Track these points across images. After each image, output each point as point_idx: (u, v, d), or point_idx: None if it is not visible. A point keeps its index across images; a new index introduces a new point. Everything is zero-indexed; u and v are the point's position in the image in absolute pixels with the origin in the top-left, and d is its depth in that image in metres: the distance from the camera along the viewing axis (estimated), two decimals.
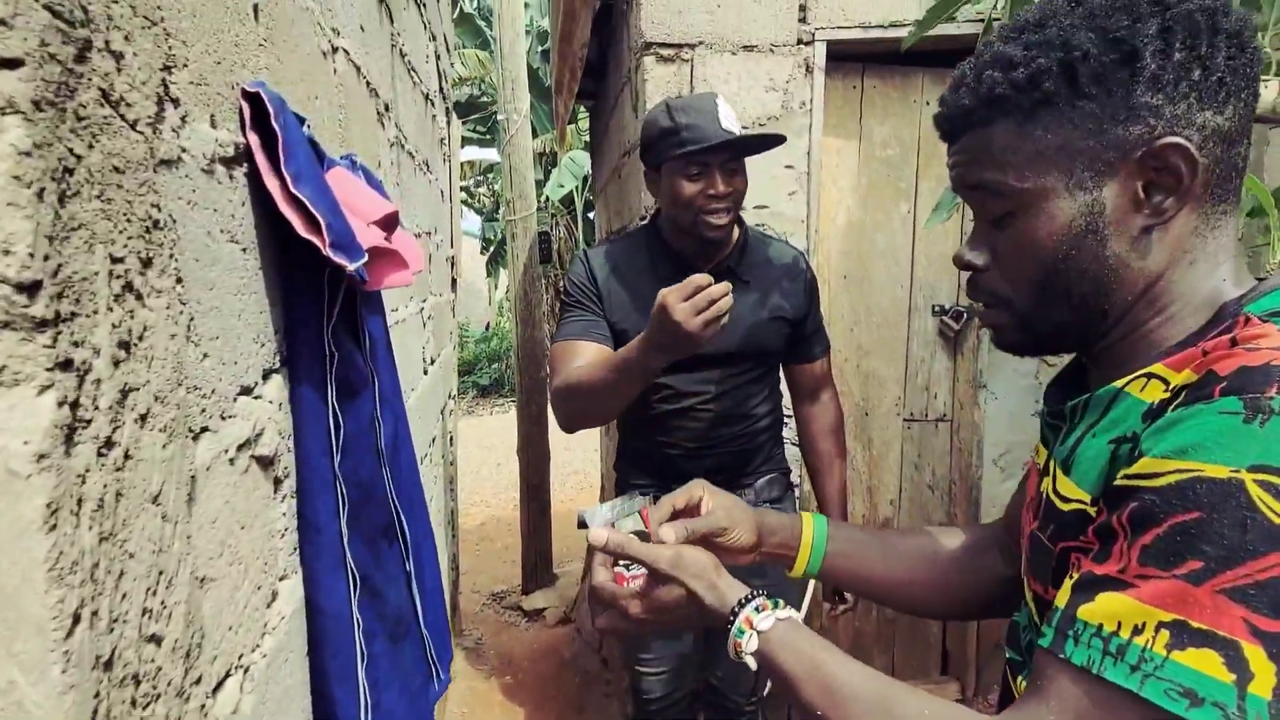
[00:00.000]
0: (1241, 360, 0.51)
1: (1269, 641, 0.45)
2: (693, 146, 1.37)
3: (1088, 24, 0.58)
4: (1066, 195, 0.60)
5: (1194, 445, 0.49)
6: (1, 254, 0.35)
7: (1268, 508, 0.46)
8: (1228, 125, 0.56)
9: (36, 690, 0.38)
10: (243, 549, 0.68)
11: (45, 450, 0.37)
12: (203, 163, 0.60)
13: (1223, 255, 0.60)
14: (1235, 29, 0.56)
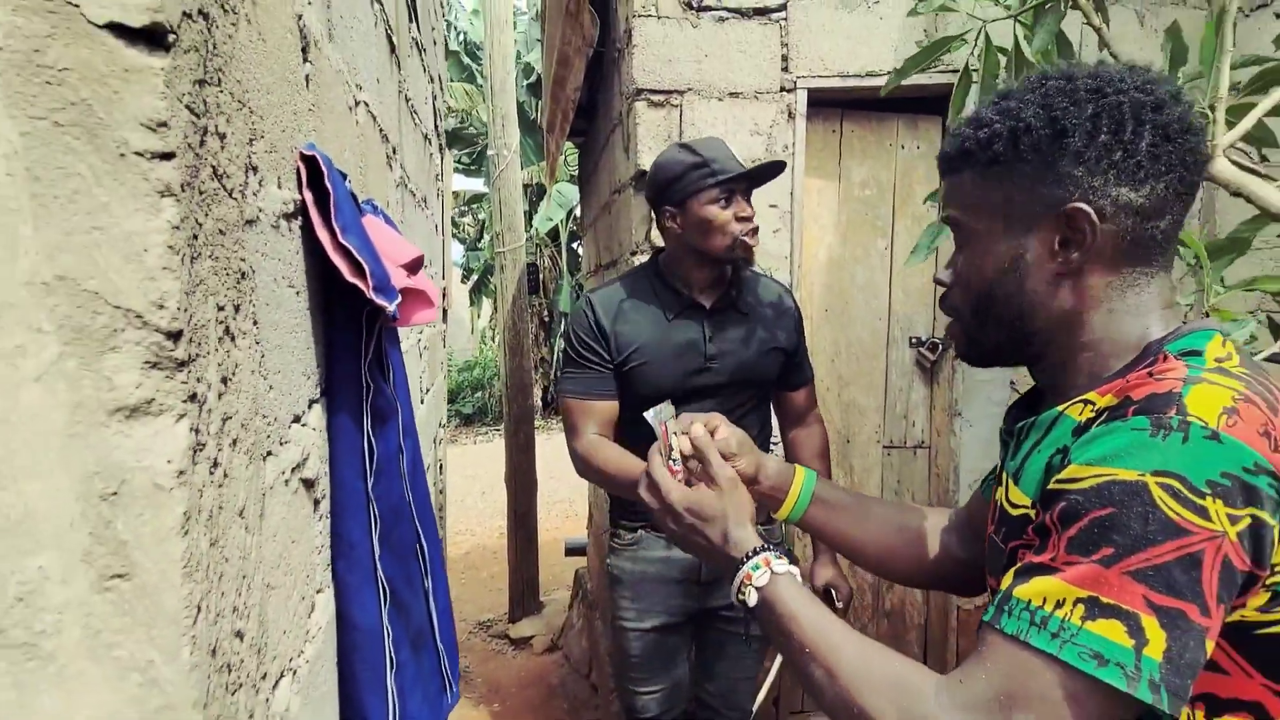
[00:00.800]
0: (1151, 388, 0.62)
1: (1162, 614, 0.55)
2: (724, 176, 1.51)
3: (1038, 101, 0.70)
4: (1002, 238, 0.73)
5: (1110, 455, 0.59)
6: (157, 308, 0.44)
7: (1165, 505, 0.56)
8: (1142, 202, 0.67)
9: (169, 669, 0.45)
10: (293, 561, 0.75)
11: (183, 468, 0.45)
12: (272, 219, 0.69)
13: (1148, 308, 0.70)
14: (1164, 122, 0.66)
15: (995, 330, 0.76)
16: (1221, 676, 0.62)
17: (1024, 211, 0.71)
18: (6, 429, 0.42)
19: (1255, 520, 0.56)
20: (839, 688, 0.67)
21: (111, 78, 0.42)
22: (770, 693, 2.46)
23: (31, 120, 0.41)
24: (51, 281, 0.42)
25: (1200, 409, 0.59)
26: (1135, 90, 0.68)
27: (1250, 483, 0.56)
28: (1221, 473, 0.56)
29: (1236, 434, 0.57)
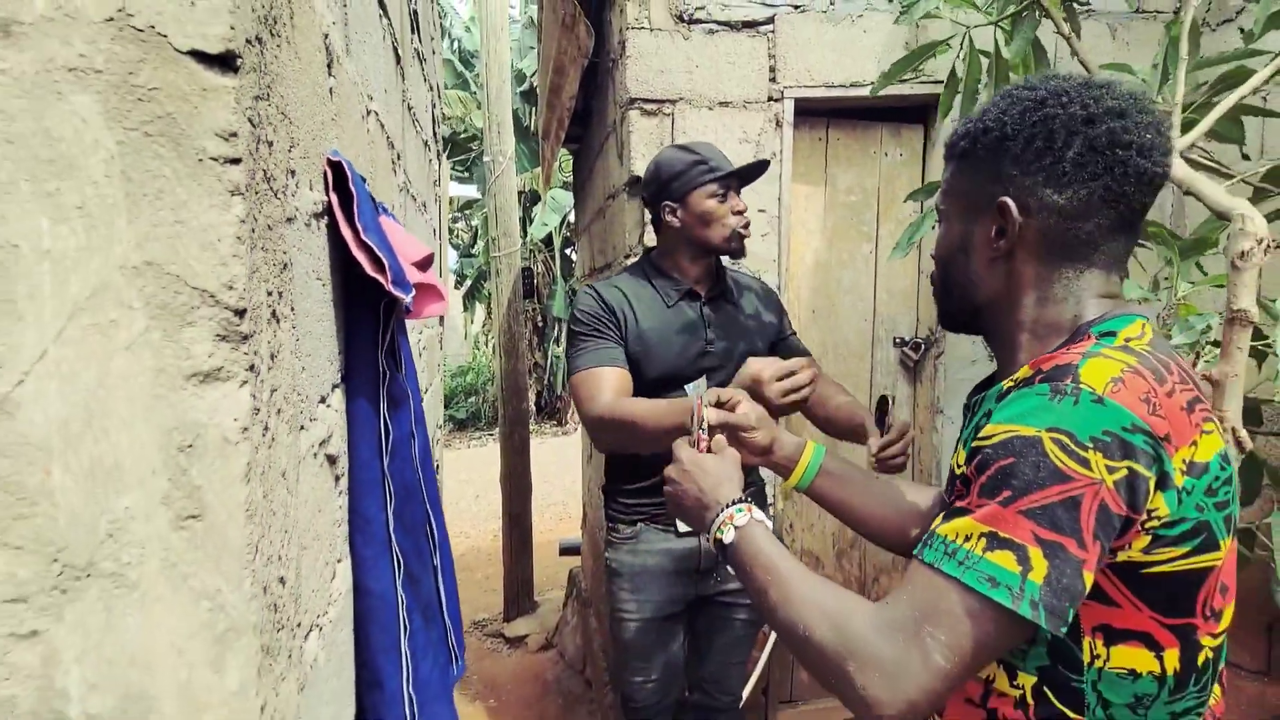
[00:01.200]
0: (1056, 361, 0.72)
1: (1045, 546, 0.65)
2: (721, 172, 1.64)
3: (1000, 108, 0.81)
4: (958, 221, 0.86)
5: (1017, 415, 0.69)
6: (227, 289, 0.52)
7: (1055, 456, 0.66)
8: (1065, 204, 0.77)
9: (234, 596, 0.53)
10: (319, 528, 0.83)
11: (246, 426, 0.53)
12: (305, 218, 0.77)
13: (1079, 297, 0.80)
14: (1094, 135, 0.76)
15: (950, 301, 0.88)
16: (1116, 610, 0.72)
17: (974, 201, 0.83)
18: (102, 390, 0.50)
19: (1131, 472, 0.66)
20: (789, 611, 0.77)
21: (192, 95, 0.50)
22: (759, 682, 2.54)
23: (126, 131, 0.49)
24: (141, 266, 0.50)
25: (1091, 378, 0.69)
26: (1077, 105, 0.77)
27: (1128, 440, 0.66)
28: (1103, 430, 0.66)
29: (1119, 399, 0.67)
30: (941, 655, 0.67)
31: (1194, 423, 0.72)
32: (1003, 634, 0.67)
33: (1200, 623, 0.74)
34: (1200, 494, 0.71)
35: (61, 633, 0.51)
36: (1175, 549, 0.70)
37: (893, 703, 0.67)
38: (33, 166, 0.48)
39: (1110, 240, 0.80)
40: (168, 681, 0.52)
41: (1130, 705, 0.74)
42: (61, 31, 0.48)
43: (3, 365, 0.48)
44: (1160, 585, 0.71)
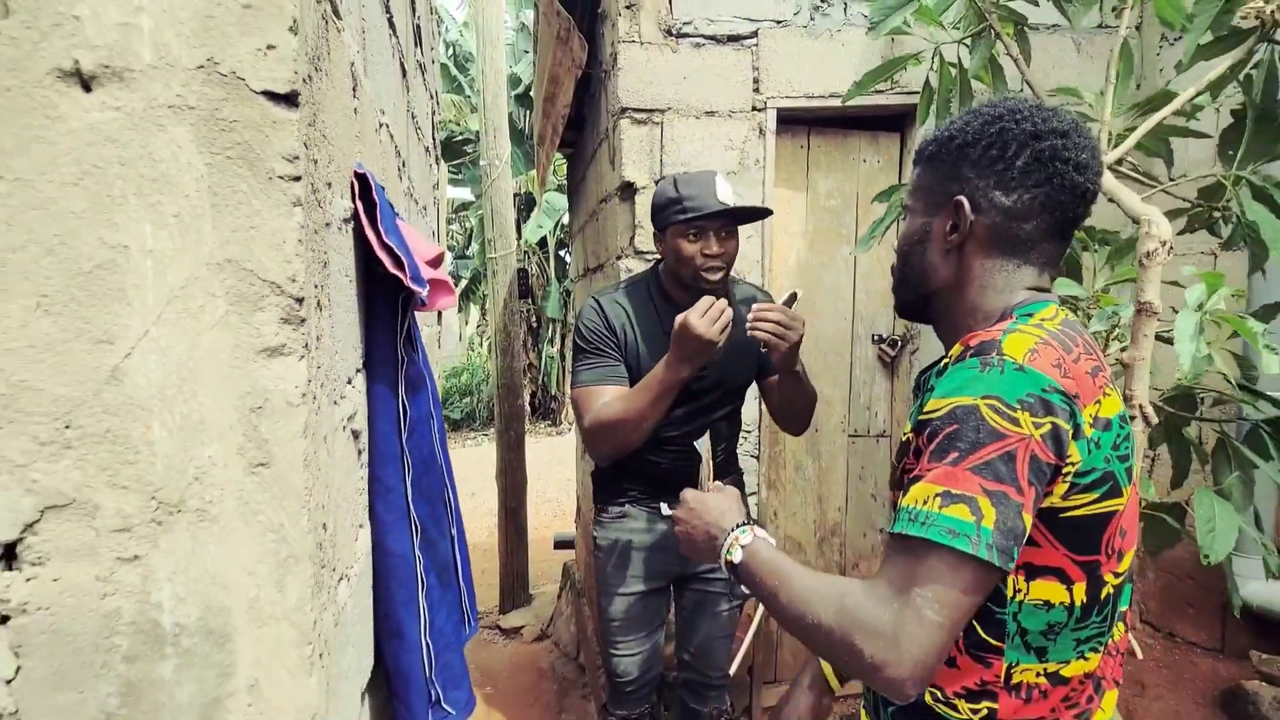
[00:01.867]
0: (982, 337, 0.85)
1: (991, 495, 0.76)
2: (693, 214, 1.63)
3: (965, 120, 0.94)
4: (920, 215, 0.97)
5: (955, 388, 0.81)
6: (290, 281, 0.64)
7: (991, 418, 0.78)
8: (1011, 205, 0.90)
9: (294, 530, 0.66)
10: (347, 492, 0.95)
11: (305, 392, 0.66)
12: (338, 223, 0.89)
13: (1014, 288, 0.92)
14: (1039, 149, 0.89)
15: (906, 288, 1.00)
16: (1037, 549, 0.85)
17: (934, 198, 0.95)
18: (191, 362, 0.63)
19: (1054, 425, 0.78)
20: (797, 606, 0.86)
21: (264, 126, 0.63)
22: (745, 661, 2.66)
23: (212, 155, 0.62)
24: (223, 262, 0.63)
25: (1012, 350, 0.81)
26: (1028, 122, 0.90)
27: (1047, 399, 0.79)
28: (1027, 393, 0.78)
29: (1036, 365, 0.80)
30: (931, 610, 0.75)
31: (1097, 385, 0.85)
32: (975, 579, 0.76)
33: (1104, 560, 0.86)
34: (1107, 447, 0.83)
35: (157, 557, 0.63)
36: (1087, 495, 0.83)
37: (900, 663, 0.75)
38: (140, 184, 0.61)
39: (1045, 241, 0.93)
40: (240, 597, 0.65)
41: (1043, 632, 0.86)
42: (164, 77, 0.60)
43: (115, 341, 0.61)
44: (1074, 527, 0.83)
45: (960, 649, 0.89)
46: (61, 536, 0.62)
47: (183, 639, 0.64)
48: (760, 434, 2.65)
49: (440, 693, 1.08)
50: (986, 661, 0.88)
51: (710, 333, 1.46)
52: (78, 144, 0.59)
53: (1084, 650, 0.89)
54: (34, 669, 0.62)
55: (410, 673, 1.05)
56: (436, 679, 1.07)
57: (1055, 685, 0.89)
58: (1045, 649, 0.87)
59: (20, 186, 0.59)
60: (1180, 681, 2.51)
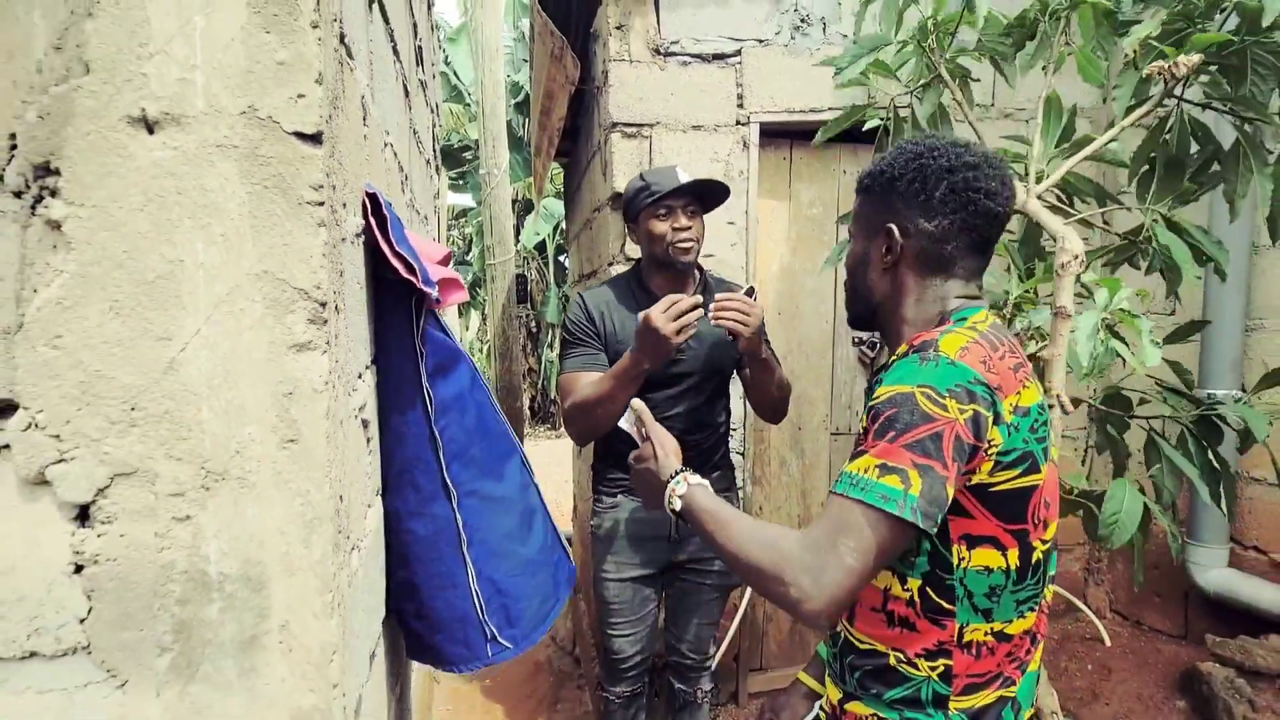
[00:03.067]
0: (923, 337, 0.99)
1: (920, 468, 0.89)
2: (658, 193, 1.84)
3: (893, 157, 1.09)
4: (861, 240, 1.13)
5: (897, 379, 0.95)
6: (316, 288, 0.78)
7: (923, 404, 0.91)
8: (933, 230, 1.04)
9: (318, 495, 0.79)
10: (358, 473, 1.08)
11: (327, 380, 0.79)
12: (351, 237, 1.03)
13: (945, 299, 1.06)
14: (954, 181, 1.03)
15: (856, 303, 1.15)
16: (973, 521, 0.98)
17: (872, 225, 1.10)
18: (234, 356, 0.76)
19: (976, 412, 0.92)
20: (735, 545, 1.00)
21: (295, 161, 0.76)
22: (731, 649, 2.79)
23: (252, 185, 0.75)
24: (261, 273, 0.76)
25: (946, 348, 0.95)
26: (944, 158, 1.04)
27: (972, 390, 0.92)
28: (956, 384, 0.92)
29: (965, 361, 0.94)
30: (852, 557, 0.89)
31: (1019, 379, 0.99)
32: (895, 536, 0.90)
33: (1031, 529, 1.00)
34: (1025, 430, 0.97)
35: (205, 517, 0.76)
36: (1010, 472, 0.96)
37: (819, 597, 0.88)
38: (193, 209, 0.74)
39: (966, 258, 1.07)
40: (274, 552, 0.78)
41: (987, 594, 1.00)
42: (213, 121, 0.74)
43: (172, 339, 0.74)
44: (1001, 500, 0.97)
45: (919, 613, 1.02)
46: (127, 499, 0.75)
47: (226, 586, 0.77)
48: (745, 431, 2.78)
49: (495, 631, 1.22)
50: (941, 624, 1.01)
51: (667, 329, 1.61)
52: (143, 177, 0.73)
53: (1023, 610, 1.03)
54: (103, 610, 0.75)
55: (467, 615, 1.21)
56: (490, 619, 1.22)
57: (1000, 642, 1.02)
58: (990, 610, 1.00)
59: (97, 212, 0.72)
60: (1144, 666, 2.64)
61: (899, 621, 1.03)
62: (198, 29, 0.72)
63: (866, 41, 1.72)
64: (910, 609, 1.02)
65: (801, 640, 2.97)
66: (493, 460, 1.25)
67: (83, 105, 0.71)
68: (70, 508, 0.74)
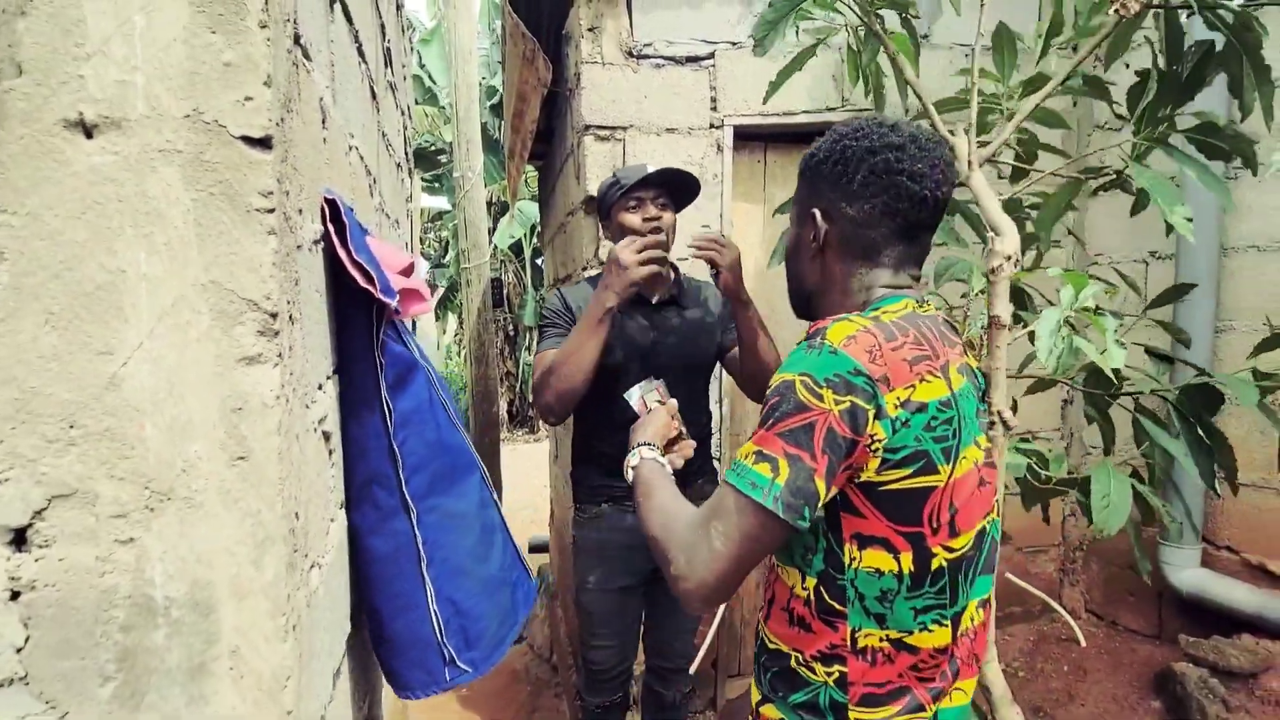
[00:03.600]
0: (818, 325, 0.97)
1: (789, 458, 0.88)
2: (627, 184, 1.85)
3: (823, 141, 1.07)
4: (794, 226, 1.11)
5: (786, 365, 0.94)
6: (265, 299, 0.74)
7: (800, 392, 0.89)
8: (855, 214, 1.02)
9: (269, 515, 0.76)
10: (318, 488, 1.05)
11: (278, 394, 0.76)
12: (309, 244, 0.99)
13: (870, 286, 1.04)
14: (874, 163, 1.00)
15: (792, 289, 1.14)
16: (863, 520, 0.95)
17: (802, 211, 1.09)
18: (179, 369, 0.72)
19: (853, 404, 0.89)
20: (648, 519, 1.04)
21: (242, 166, 0.73)
22: (709, 655, 2.77)
23: (198, 191, 0.72)
24: (207, 283, 0.73)
25: (833, 336, 0.93)
26: (866, 140, 1.02)
27: (851, 380, 0.89)
28: (835, 373, 0.90)
29: (848, 351, 0.91)
30: (720, 542, 0.90)
31: (915, 372, 0.94)
32: (761, 525, 0.90)
33: (928, 533, 0.96)
34: (919, 428, 0.93)
35: (150, 539, 0.73)
36: (900, 470, 0.93)
37: (692, 577, 0.91)
38: (135, 217, 0.70)
39: (892, 245, 1.03)
40: (223, 574, 0.75)
41: (878, 598, 0.97)
42: (155, 125, 0.70)
43: (113, 352, 0.71)
44: (892, 499, 0.94)
45: (814, 614, 1.00)
46: (66, 522, 0.71)
47: (172, 610, 0.74)
48: (721, 436, 2.76)
49: (453, 653, 1.19)
50: (834, 625, 0.98)
51: (629, 259, 1.67)
52: (81, 183, 0.69)
53: (925, 621, 0.98)
54: (42, 638, 0.72)
55: (425, 638, 1.17)
56: (449, 641, 1.18)
57: (900, 651, 0.98)
58: (884, 616, 0.97)
59: (32, 220, 0.68)
60: (1119, 666, 2.66)
61: (797, 621, 1.02)
62: (137, 29, 0.69)
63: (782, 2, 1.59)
64: (807, 609, 1.00)
65: None
66: (453, 475, 1.22)
67: (15, 108, 0.68)
68: (5, 531, 0.71)
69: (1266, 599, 2.46)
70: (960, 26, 2.63)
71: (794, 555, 1.02)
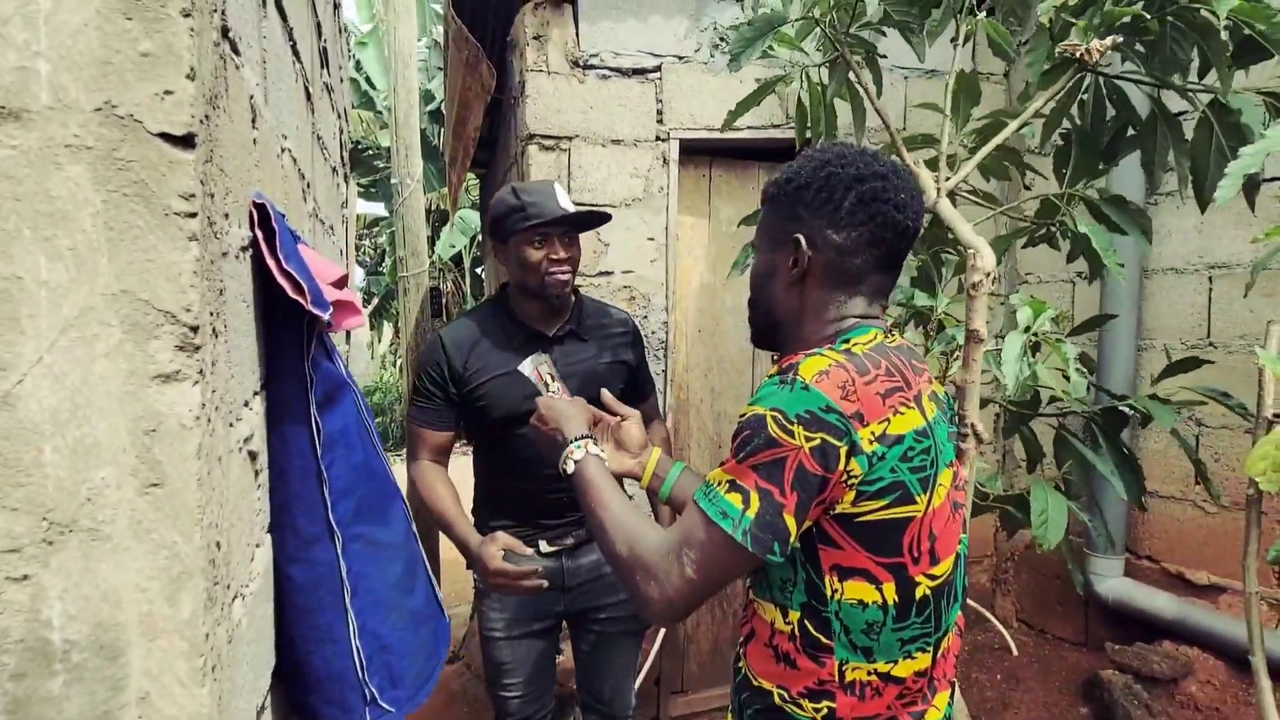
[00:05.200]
0: (791, 360, 0.95)
1: (760, 491, 0.87)
2: (536, 220, 1.65)
3: (800, 165, 1.04)
4: (766, 252, 1.07)
5: (758, 400, 0.92)
6: (185, 311, 0.68)
7: (772, 428, 0.88)
8: (841, 241, 1.00)
9: (187, 547, 0.69)
10: (243, 512, 0.98)
11: (198, 415, 0.70)
12: (235, 251, 0.93)
13: (844, 316, 1.02)
14: (862, 191, 0.99)
15: (759, 318, 1.10)
16: (842, 552, 0.94)
17: (778, 236, 1.05)
18: (85, 387, 0.66)
19: (824, 441, 0.88)
20: (606, 531, 1.00)
21: (161, 166, 0.67)
22: (652, 673, 2.73)
23: (109, 192, 0.65)
24: (118, 293, 0.66)
25: (805, 372, 0.92)
26: (852, 167, 1.01)
27: (822, 417, 0.88)
28: (805, 410, 0.88)
29: (820, 387, 0.90)
30: (690, 569, 0.90)
31: (889, 405, 0.93)
32: (730, 555, 0.89)
33: (909, 563, 0.95)
34: (895, 459, 0.92)
35: (47, 576, 0.65)
36: (876, 502, 0.92)
37: (660, 600, 0.91)
38: (35, 218, 0.64)
39: (873, 274, 1.03)
40: (132, 612, 0.68)
41: (864, 630, 0.95)
42: (61, 118, 0.64)
43: (7, 369, 0.63)
44: (870, 531, 0.93)
45: (799, 649, 0.97)
46: None
47: (73, 655, 0.66)
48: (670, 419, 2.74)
49: (375, 692, 1.11)
50: (820, 660, 0.96)
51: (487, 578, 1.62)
52: None
53: (910, 650, 0.97)
54: None
55: (345, 675, 1.09)
56: (371, 680, 1.10)
57: (888, 684, 0.97)
58: (871, 649, 0.96)
59: None
60: (1050, 674, 2.73)
61: (782, 657, 1.00)
62: (42, 11, 0.63)
63: (761, 21, 1.61)
64: (792, 644, 0.98)
65: (723, 661, 2.94)
66: (380, 502, 1.16)
67: None
68: None
69: (1185, 607, 2.56)
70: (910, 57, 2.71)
71: (773, 589, 1.00)
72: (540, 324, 1.79)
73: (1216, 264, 2.62)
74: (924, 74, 2.89)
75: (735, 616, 2.93)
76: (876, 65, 1.74)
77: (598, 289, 2.58)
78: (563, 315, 1.81)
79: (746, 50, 1.58)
